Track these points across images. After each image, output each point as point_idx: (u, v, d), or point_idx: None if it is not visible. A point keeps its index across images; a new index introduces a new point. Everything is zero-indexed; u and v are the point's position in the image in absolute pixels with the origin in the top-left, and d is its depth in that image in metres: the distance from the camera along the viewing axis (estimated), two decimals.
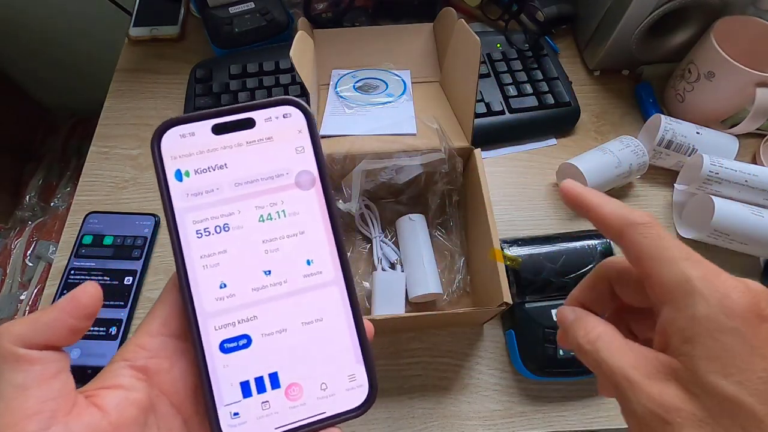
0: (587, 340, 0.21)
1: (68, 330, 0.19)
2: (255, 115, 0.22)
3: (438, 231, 0.52)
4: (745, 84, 0.52)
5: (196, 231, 0.21)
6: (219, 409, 0.20)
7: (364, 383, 0.22)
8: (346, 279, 0.22)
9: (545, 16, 0.64)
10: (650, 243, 0.20)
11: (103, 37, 0.91)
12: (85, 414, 0.18)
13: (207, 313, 0.21)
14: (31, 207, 0.94)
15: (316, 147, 0.22)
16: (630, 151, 0.53)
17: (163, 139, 0.21)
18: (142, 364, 0.20)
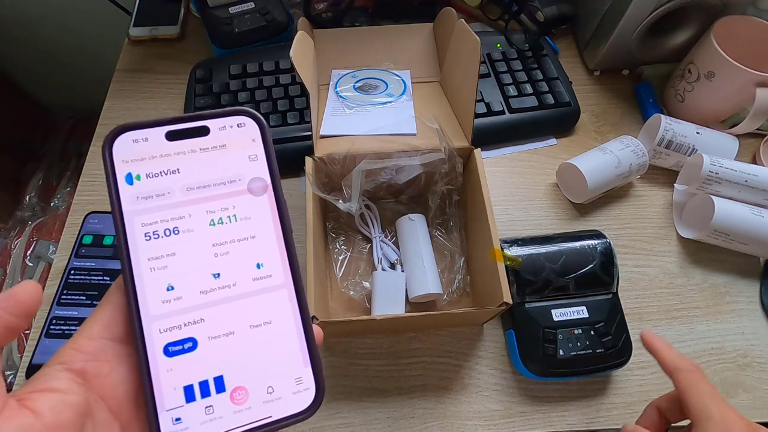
0: None
1: (4, 328, 0.18)
2: (210, 124, 0.22)
3: (438, 231, 0.52)
4: (745, 84, 0.52)
5: (145, 234, 0.21)
6: (160, 414, 0.20)
7: (311, 386, 0.22)
8: (295, 283, 0.22)
9: (545, 16, 0.64)
10: (689, 383, 0.32)
11: (103, 37, 0.91)
12: (16, 416, 0.17)
13: (152, 316, 0.21)
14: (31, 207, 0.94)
15: (269, 155, 0.23)
16: (630, 151, 0.53)
17: (114, 143, 0.21)
18: (80, 367, 0.19)
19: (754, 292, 0.52)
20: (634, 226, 0.55)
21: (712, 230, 0.49)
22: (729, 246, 0.51)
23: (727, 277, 0.53)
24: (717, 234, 0.50)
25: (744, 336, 0.50)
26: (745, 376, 0.48)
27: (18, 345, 0.72)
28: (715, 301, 0.51)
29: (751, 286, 0.52)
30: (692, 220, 0.54)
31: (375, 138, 0.49)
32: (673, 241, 0.55)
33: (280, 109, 0.58)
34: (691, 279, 0.52)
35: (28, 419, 0.17)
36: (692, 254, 0.54)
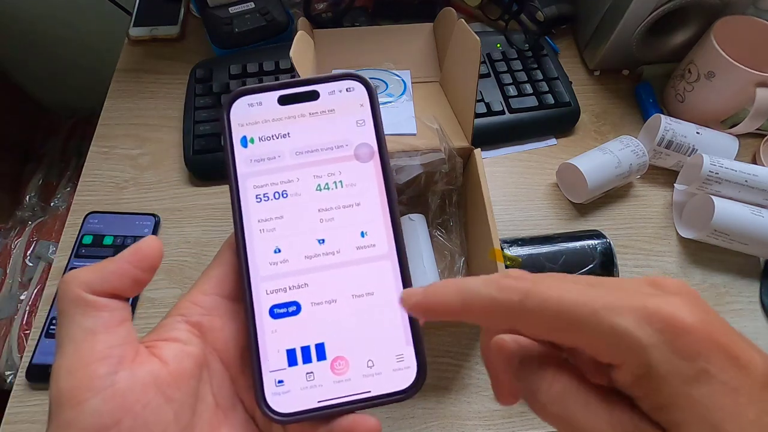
0: (552, 399, 0.17)
1: (132, 280, 0.19)
2: (319, 88, 0.23)
3: (438, 231, 0.52)
4: (745, 84, 0.52)
5: (256, 196, 0.22)
6: (264, 375, 0.20)
7: (413, 365, 0.21)
8: (399, 255, 0.22)
9: (545, 16, 0.64)
10: (550, 316, 0.16)
11: (103, 37, 0.91)
12: (148, 362, 0.18)
13: (260, 277, 0.21)
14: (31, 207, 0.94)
15: (377, 121, 0.23)
16: (630, 151, 0.53)
17: (233, 107, 0.22)
18: (197, 320, 0.21)
19: (754, 292, 0.52)
20: (634, 226, 0.55)
21: (712, 230, 0.49)
22: (729, 246, 0.51)
23: (727, 277, 0.53)
24: (717, 234, 0.50)
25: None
26: None
27: (18, 345, 0.72)
28: (715, 301, 0.51)
29: (751, 286, 0.52)
30: (692, 220, 0.54)
31: None
32: (673, 241, 0.55)
33: None
34: (691, 279, 0.52)
35: (156, 366, 0.19)
36: (692, 254, 0.54)
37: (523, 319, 0.17)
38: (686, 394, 0.14)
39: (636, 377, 0.15)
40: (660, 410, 0.15)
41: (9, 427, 0.43)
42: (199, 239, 0.52)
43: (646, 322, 0.15)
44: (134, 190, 0.55)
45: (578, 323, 0.16)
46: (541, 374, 0.18)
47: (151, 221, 0.52)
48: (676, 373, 0.15)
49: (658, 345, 0.15)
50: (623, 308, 0.15)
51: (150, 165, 0.57)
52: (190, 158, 0.55)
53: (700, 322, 0.15)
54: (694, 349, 0.15)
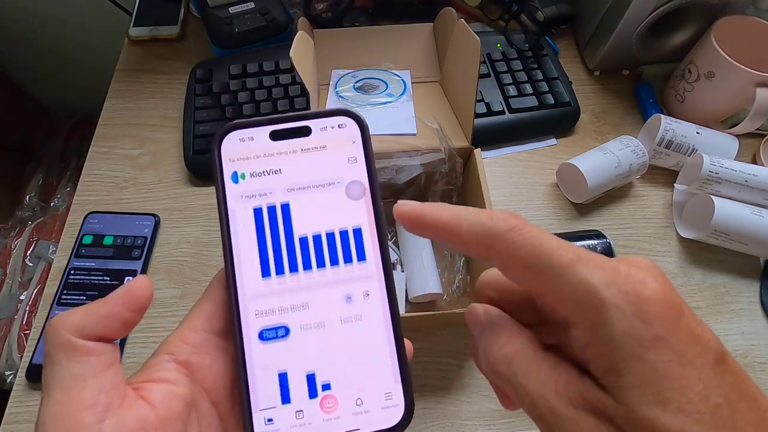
0: (501, 358, 0.18)
1: (122, 322, 0.19)
2: (311, 124, 0.22)
3: None
4: (745, 84, 0.52)
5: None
6: (254, 413, 0.20)
7: (401, 403, 0.21)
8: (389, 296, 0.22)
9: (545, 16, 0.64)
10: (529, 252, 0.16)
11: (103, 37, 0.91)
12: (135, 407, 0.18)
13: (248, 308, 0.21)
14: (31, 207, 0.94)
15: (369, 158, 0.22)
16: (630, 151, 0.53)
17: (223, 142, 0.22)
18: (185, 359, 0.20)
19: (754, 292, 0.52)
20: (634, 226, 0.55)
21: (712, 230, 0.49)
22: (729, 246, 0.51)
23: (727, 277, 0.53)
24: (717, 234, 0.50)
25: (744, 336, 0.50)
26: None
27: (18, 345, 0.72)
28: (715, 301, 0.51)
29: (751, 286, 0.52)
30: (692, 220, 0.54)
31: (375, 138, 0.48)
32: (673, 241, 0.55)
33: (280, 109, 0.58)
34: (691, 279, 0.52)
35: (144, 410, 0.18)
36: (692, 254, 0.54)
37: (504, 250, 0.17)
38: (640, 357, 0.15)
39: (592, 336, 0.15)
40: (610, 373, 0.15)
41: (9, 427, 0.43)
42: (199, 239, 0.52)
43: (614, 283, 0.15)
44: (134, 190, 0.55)
45: (552, 267, 0.16)
46: (496, 336, 0.18)
47: (151, 221, 0.52)
48: (634, 335, 0.15)
49: (621, 305, 0.15)
50: (597, 265, 0.16)
51: (150, 165, 0.57)
52: (190, 158, 0.55)
53: (663, 293, 0.15)
54: (655, 315, 0.15)
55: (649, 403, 0.14)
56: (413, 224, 0.19)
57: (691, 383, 0.14)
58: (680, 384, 0.14)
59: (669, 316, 0.15)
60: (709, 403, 0.14)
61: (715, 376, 0.15)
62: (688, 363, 0.15)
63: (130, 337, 0.46)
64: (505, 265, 0.17)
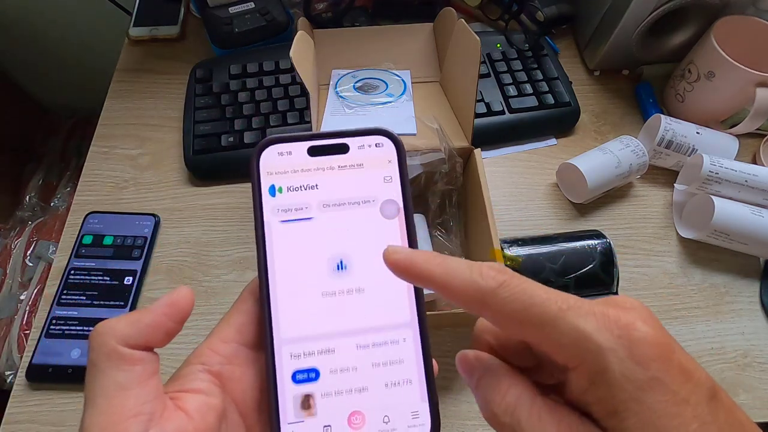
0: (504, 409, 0.18)
1: (165, 332, 0.20)
2: (349, 142, 0.23)
3: (438, 231, 0.52)
4: (745, 84, 0.52)
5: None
6: (282, 426, 0.20)
7: (427, 422, 0.21)
8: (419, 317, 0.22)
9: (545, 16, 0.64)
10: (520, 306, 0.17)
11: (103, 37, 0.91)
12: (175, 418, 0.18)
13: (282, 339, 0.21)
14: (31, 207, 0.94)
15: (404, 178, 0.23)
16: (630, 151, 0.53)
17: (262, 155, 0.22)
18: (217, 369, 0.20)
19: (754, 292, 0.52)
20: (634, 226, 0.55)
21: (712, 230, 0.49)
22: (729, 246, 0.51)
23: (727, 277, 0.53)
24: (717, 234, 0.50)
25: (744, 336, 0.50)
26: (745, 376, 0.48)
27: (18, 345, 0.72)
28: (715, 301, 0.51)
29: (751, 286, 0.52)
30: (692, 220, 0.54)
31: None
32: (673, 241, 0.55)
33: (280, 109, 0.58)
34: (691, 279, 0.52)
35: (183, 421, 0.18)
36: (692, 254, 0.54)
37: (494, 306, 0.17)
38: (638, 400, 0.15)
39: (591, 381, 0.16)
40: (611, 416, 0.16)
41: (9, 427, 0.43)
42: (199, 239, 0.52)
43: (606, 328, 0.16)
44: (134, 190, 0.55)
45: (544, 319, 0.16)
46: (496, 385, 0.18)
47: (151, 221, 0.52)
48: (631, 378, 0.15)
49: (616, 350, 0.15)
50: (588, 312, 0.16)
51: (150, 165, 0.57)
52: (190, 158, 0.55)
53: (654, 334, 0.16)
54: (649, 357, 0.15)
55: None
56: (404, 273, 0.19)
57: (687, 421, 0.15)
58: (677, 423, 0.15)
59: (661, 356, 0.15)
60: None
61: (709, 412, 0.15)
62: (683, 401, 0.15)
63: None
64: (498, 321, 0.18)
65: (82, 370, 0.44)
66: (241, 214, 0.53)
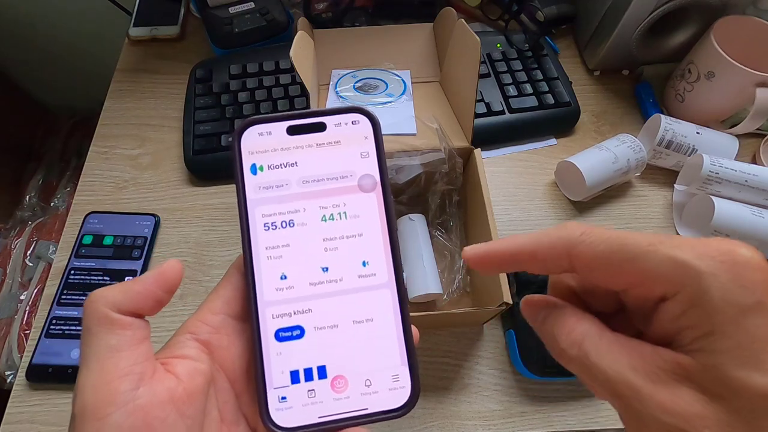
0: (571, 343, 0.18)
1: (155, 300, 0.21)
2: (327, 120, 0.24)
3: (438, 231, 0.52)
4: (745, 84, 0.52)
5: (264, 224, 0.23)
6: (269, 391, 0.22)
7: (407, 385, 0.23)
8: (397, 283, 0.23)
9: (545, 16, 0.64)
10: (609, 246, 0.17)
11: (103, 37, 0.91)
12: (165, 379, 0.20)
13: (266, 302, 0.22)
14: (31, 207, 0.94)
15: (380, 153, 0.24)
16: (627, 147, 0.53)
17: (243, 136, 0.23)
18: (206, 338, 0.22)
19: None
20: (634, 226, 0.55)
21: (712, 230, 0.49)
22: None
23: None
24: (717, 234, 0.50)
25: None
26: None
27: (18, 345, 0.72)
28: None
29: None
30: (692, 220, 0.54)
31: None
32: None
33: (280, 109, 0.58)
34: None
35: (173, 383, 0.20)
36: None
37: (585, 252, 0.17)
38: (737, 322, 0.14)
39: (688, 306, 0.15)
40: (704, 337, 0.15)
41: (9, 427, 0.43)
42: (199, 239, 0.52)
43: (707, 254, 0.15)
44: (134, 190, 0.55)
45: (637, 254, 0.16)
46: (562, 321, 0.19)
47: (151, 221, 0.52)
48: (732, 301, 0.15)
49: (718, 274, 0.15)
50: (682, 243, 0.16)
51: (150, 165, 0.57)
52: (190, 158, 0.55)
53: (759, 260, 0.15)
54: (754, 281, 0.15)
55: (742, 364, 0.14)
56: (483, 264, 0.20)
57: None
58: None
59: (767, 280, 0.15)
60: None
61: None
62: None
63: None
64: (589, 266, 0.18)
65: None
66: None
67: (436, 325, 0.49)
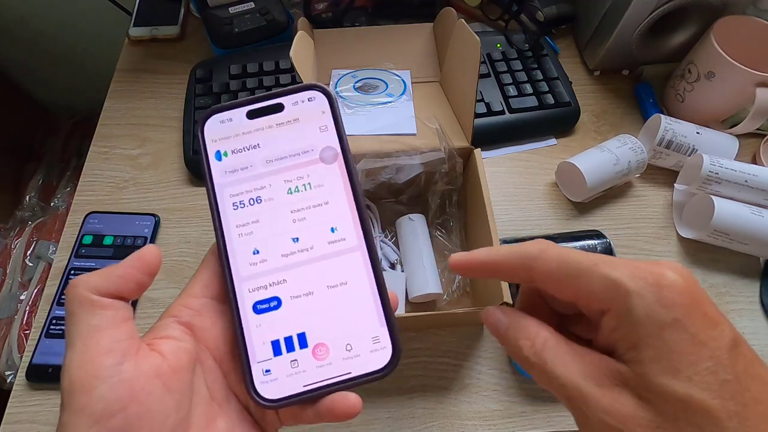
0: (533, 351, 0.20)
1: (135, 283, 0.21)
2: (283, 101, 0.24)
3: (438, 231, 0.52)
4: (745, 84, 0.52)
5: (233, 203, 0.23)
6: (252, 365, 0.22)
7: (388, 345, 0.23)
8: (368, 246, 0.23)
9: (545, 16, 0.64)
10: (561, 264, 0.20)
11: (103, 37, 0.91)
12: (150, 356, 0.20)
13: (242, 277, 0.23)
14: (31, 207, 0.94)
15: (338, 125, 0.24)
16: (628, 149, 0.53)
17: (206, 125, 0.24)
18: (187, 320, 0.22)
19: (754, 292, 0.52)
20: (634, 226, 0.55)
21: (712, 230, 0.49)
22: (729, 246, 0.51)
23: (727, 277, 0.53)
24: (717, 234, 0.50)
25: (744, 336, 0.49)
26: None
27: (18, 345, 0.72)
28: (715, 301, 0.51)
29: (751, 286, 0.52)
30: (692, 220, 0.54)
31: (375, 138, 0.49)
32: (673, 241, 0.55)
33: None
34: None
35: (157, 359, 0.20)
36: (692, 254, 0.54)
37: (540, 268, 0.20)
38: (658, 336, 0.17)
39: (619, 320, 0.18)
40: (632, 349, 0.18)
41: (9, 427, 0.43)
42: (199, 239, 0.52)
43: (638, 276, 0.18)
44: (134, 190, 0.55)
45: (582, 271, 0.19)
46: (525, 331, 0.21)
47: (151, 221, 0.52)
48: (653, 318, 0.17)
49: (642, 293, 0.18)
50: (620, 264, 0.19)
51: (150, 165, 0.57)
52: (190, 158, 0.55)
53: (684, 283, 0.18)
54: (673, 301, 0.17)
55: (663, 373, 0.17)
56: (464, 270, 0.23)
57: (701, 359, 0.17)
58: (690, 359, 0.17)
59: (686, 302, 0.17)
60: (718, 377, 0.16)
61: (728, 357, 0.17)
62: (701, 343, 0.17)
63: None
64: (544, 279, 0.20)
65: None
66: None
67: (436, 325, 0.49)
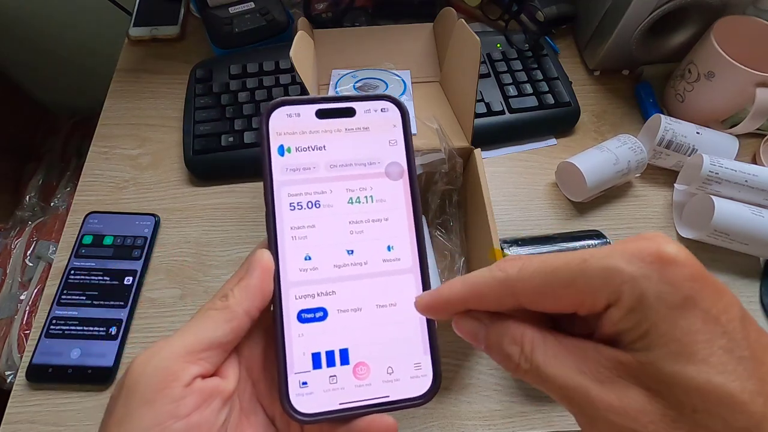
0: (525, 357, 0.17)
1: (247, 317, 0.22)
2: (356, 106, 0.24)
3: (438, 231, 0.52)
4: (745, 84, 0.52)
5: (290, 204, 0.23)
6: (290, 376, 0.21)
7: (429, 374, 0.22)
8: (422, 270, 0.23)
9: (545, 16, 0.64)
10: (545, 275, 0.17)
11: (103, 37, 0.91)
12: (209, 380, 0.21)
13: (290, 282, 0.22)
14: (31, 207, 0.94)
15: (408, 142, 0.24)
16: (628, 148, 0.53)
17: (272, 116, 0.23)
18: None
19: (754, 292, 0.52)
20: (634, 226, 0.55)
21: (712, 230, 0.49)
22: (729, 246, 0.51)
23: (727, 277, 0.53)
24: (717, 234, 0.50)
25: None
26: None
27: (18, 345, 0.72)
28: None
29: (751, 286, 0.52)
30: (692, 220, 0.54)
31: None
32: None
33: None
34: None
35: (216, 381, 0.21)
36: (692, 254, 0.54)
37: (524, 288, 0.17)
38: (670, 318, 0.15)
39: (628, 310, 0.16)
40: (642, 337, 0.15)
41: (9, 427, 0.43)
42: (199, 239, 0.52)
43: (636, 258, 0.16)
44: (134, 190, 0.55)
45: (570, 277, 0.16)
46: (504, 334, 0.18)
47: (151, 221, 0.52)
48: (664, 299, 0.15)
49: (649, 275, 0.15)
50: (609, 252, 0.16)
51: (150, 165, 0.57)
52: (191, 158, 0.55)
53: (685, 256, 0.16)
54: (681, 277, 0.15)
55: (675, 358, 0.15)
56: (436, 313, 0.19)
57: (715, 336, 0.15)
58: (704, 338, 0.15)
59: (693, 276, 0.15)
60: (734, 356, 0.14)
61: (741, 330, 0.15)
62: (713, 319, 0.15)
63: (130, 338, 0.46)
64: (533, 299, 0.17)
65: (82, 370, 0.44)
66: (241, 214, 0.53)
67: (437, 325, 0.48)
